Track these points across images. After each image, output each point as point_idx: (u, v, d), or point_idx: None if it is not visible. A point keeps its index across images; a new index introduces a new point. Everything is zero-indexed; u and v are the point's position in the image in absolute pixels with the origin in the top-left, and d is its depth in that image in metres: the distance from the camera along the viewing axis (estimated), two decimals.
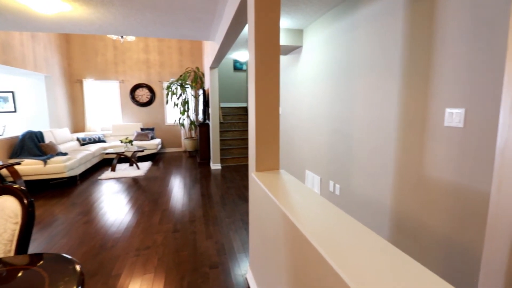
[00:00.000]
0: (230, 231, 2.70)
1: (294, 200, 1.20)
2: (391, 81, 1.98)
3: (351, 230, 0.91)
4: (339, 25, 2.58)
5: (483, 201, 1.40)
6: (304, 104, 3.43)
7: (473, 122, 1.44)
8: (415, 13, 1.77)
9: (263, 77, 1.61)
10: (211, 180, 4.57)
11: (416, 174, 1.79)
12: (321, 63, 2.96)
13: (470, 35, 1.44)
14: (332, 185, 2.80)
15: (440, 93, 1.61)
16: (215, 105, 5.32)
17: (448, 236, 1.59)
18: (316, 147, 3.13)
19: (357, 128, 2.39)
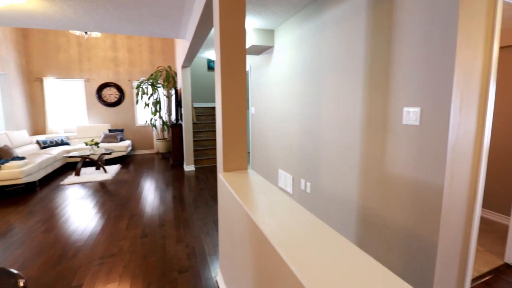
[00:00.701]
0: (202, 234, 2.64)
1: (258, 200, 1.19)
2: (356, 81, 2.05)
3: (312, 228, 0.91)
4: (308, 27, 2.63)
5: (438, 194, 1.49)
6: (276, 104, 3.46)
7: (428, 120, 1.53)
8: (376, 16, 1.84)
9: (229, 77, 1.58)
10: (184, 182, 4.45)
11: (379, 171, 1.87)
12: (292, 64, 3.00)
13: (424, 39, 1.53)
14: (304, 184, 2.85)
15: (399, 93, 1.69)
16: (188, 105, 5.19)
17: (408, 228, 1.68)
18: (288, 146, 3.17)
19: (325, 127, 2.44)
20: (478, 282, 1.90)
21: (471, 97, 1.48)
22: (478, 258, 2.19)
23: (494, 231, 2.66)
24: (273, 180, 3.66)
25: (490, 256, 2.23)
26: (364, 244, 2.04)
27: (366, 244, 2.02)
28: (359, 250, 0.77)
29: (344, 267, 0.69)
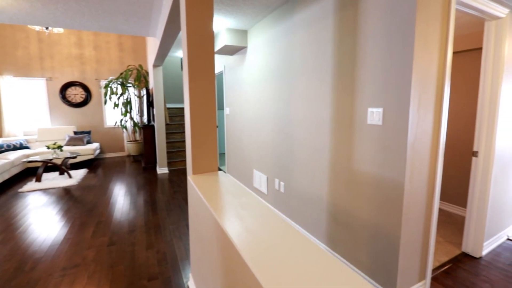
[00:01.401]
0: (174, 238, 2.56)
1: (226, 202, 1.17)
2: (326, 83, 2.10)
3: (279, 231, 0.91)
4: (280, 28, 2.66)
5: (400, 190, 1.57)
6: (250, 104, 3.46)
7: (389, 120, 1.60)
8: (342, 21, 1.90)
9: (197, 77, 1.55)
10: (157, 186, 4.30)
11: (347, 169, 1.93)
12: (265, 64, 3.01)
13: (385, 43, 1.60)
14: (278, 183, 2.87)
15: (364, 94, 1.76)
16: (160, 105, 5.03)
17: (373, 223, 1.75)
18: (263, 147, 3.18)
19: (298, 127, 2.48)
20: (439, 271, 2.03)
21: (427, 99, 1.58)
22: (439, 248, 2.34)
23: (454, 223, 2.86)
24: (248, 180, 3.65)
25: (450, 246, 2.39)
26: (335, 240, 2.10)
27: (336, 240, 2.08)
28: (324, 252, 0.78)
29: (308, 270, 0.69)
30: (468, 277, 1.97)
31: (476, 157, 2.16)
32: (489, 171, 2.12)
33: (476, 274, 2.01)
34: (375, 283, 1.76)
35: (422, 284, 1.78)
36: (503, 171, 2.29)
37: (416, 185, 1.61)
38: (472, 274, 2.01)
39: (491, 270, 2.06)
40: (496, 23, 2.05)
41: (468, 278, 1.96)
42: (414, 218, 1.65)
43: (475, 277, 1.97)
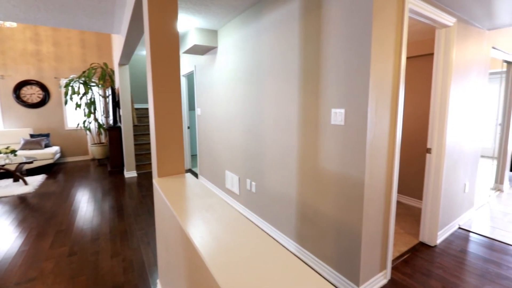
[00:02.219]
0: (142, 244, 2.46)
1: (191, 205, 1.15)
2: (293, 84, 2.15)
3: (242, 232, 0.92)
4: (249, 29, 2.67)
5: (361, 186, 1.65)
6: (221, 105, 3.43)
7: (351, 120, 1.68)
8: (307, 25, 1.97)
9: (161, 77, 1.50)
10: (124, 190, 4.10)
11: (313, 168, 2.00)
12: (235, 65, 3.01)
13: (345, 47, 1.68)
14: (249, 183, 2.88)
15: (327, 96, 1.83)
16: (127, 106, 4.81)
17: (338, 218, 1.83)
18: (234, 147, 3.17)
19: (267, 128, 2.52)
20: (399, 261, 2.18)
21: (384, 100, 1.68)
22: (399, 239, 2.51)
23: (412, 215, 3.08)
24: (221, 181, 3.63)
25: (409, 237, 2.57)
26: (303, 237, 2.16)
27: (305, 237, 2.14)
28: (287, 253, 0.79)
29: (270, 271, 0.71)
30: (424, 265, 2.13)
31: (430, 153, 2.35)
32: (441, 166, 2.31)
33: (432, 261, 2.18)
34: (340, 275, 1.84)
35: (383, 274, 1.90)
36: (453, 165, 2.51)
37: (375, 181, 1.71)
38: (428, 261, 2.18)
39: (444, 257, 2.25)
40: (445, 31, 2.25)
41: (424, 266, 2.12)
42: (374, 212, 1.75)
43: (430, 264, 2.14)
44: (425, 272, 2.03)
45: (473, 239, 2.53)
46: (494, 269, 2.07)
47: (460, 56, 2.37)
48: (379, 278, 1.87)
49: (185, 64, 4.77)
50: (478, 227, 2.78)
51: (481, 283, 1.92)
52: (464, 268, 2.09)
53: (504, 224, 2.84)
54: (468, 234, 2.63)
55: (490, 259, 2.20)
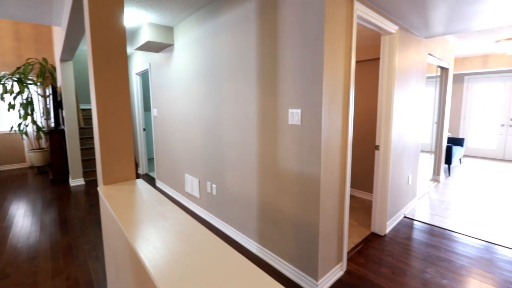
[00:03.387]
0: (90, 260, 2.23)
1: (139, 215, 1.06)
2: (251, 84, 2.14)
3: (196, 240, 0.86)
4: (207, 27, 2.59)
5: (317, 183, 1.71)
6: (179, 105, 3.29)
7: (306, 120, 1.73)
8: (263, 26, 1.97)
9: (105, 75, 1.37)
10: (69, 200, 3.69)
11: (272, 167, 2.01)
12: (193, 64, 2.90)
13: (300, 50, 1.72)
14: (210, 186, 2.81)
15: (284, 96, 1.86)
16: (71, 106, 4.34)
17: (297, 215, 1.87)
18: (193, 149, 3.06)
19: (227, 129, 2.47)
20: (353, 252, 2.31)
21: (337, 101, 1.76)
22: (354, 231, 2.67)
23: (365, 207, 3.31)
24: (180, 185, 3.47)
25: (362, 228, 2.75)
26: (264, 237, 2.16)
27: (266, 237, 2.15)
28: (243, 260, 0.76)
29: (225, 283, 0.67)
30: (376, 253, 2.29)
31: (378, 150, 2.54)
32: (388, 161, 2.51)
33: (382, 250, 2.35)
34: (300, 271, 1.88)
35: (340, 266, 1.99)
36: (398, 160, 2.75)
37: (330, 177, 1.78)
38: (379, 250, 2.35)
39: (393, 245, 2.44)
40: (389, 38, 2.44)
41: (376, 254, 2.28)
42: (330, 208, 1.82)
43: (381, 253, 2.31)
44: (376, 261, 2.19)
45: (417, 226, 2.80)
46: (435, 253, 2.31)
47: (402, 61, 2.60)
48: (336, 270, 1.95)
49: (138, 61, 4.48)
50: (420, 215, 3.09)
51: (424, 266, 2.12)
52: (410, 253, 2.30)
53: (441, 211, 3.21)
54: (412, 222, 2.90)
55: (431, 244, 2.46)
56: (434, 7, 2.11)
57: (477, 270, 2.07)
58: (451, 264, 2.15)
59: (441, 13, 2.26)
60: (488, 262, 2.16)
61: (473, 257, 2.24)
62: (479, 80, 6.36)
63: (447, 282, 1.93)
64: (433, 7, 2.13)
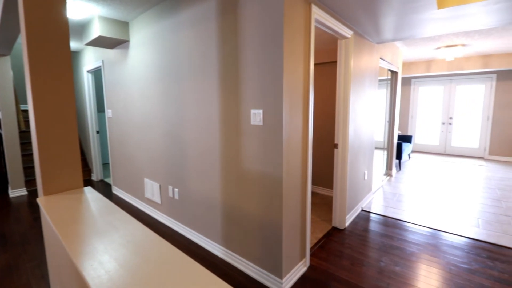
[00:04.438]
0: (33, 279, 1.98)
1: (86, 227, 0.96)
2: (213, 84, 2.09)
3: (149, 251, 0.80)
4: (166, 24, 2.47)
5: (279, 182, 1.73)
6: (137, 106, 3.09)
7: (268, 121, 1.74)
8: (224, 25, 1.94)
9: (44, 71, 1.22)
10: (8, 214, 3.26)
11: (236, 168, 1.99)
12: (151, 62, 2.75)
13: (261, 51, 1.72)
14: (171, 190, 2.69)
15: (246, 96, 1.85)
16: (9, 107, 3.84)
17: (261, 216, 1.87)
18: (153, 152, 2.90)
19: (188, 130, 2.39)
20: (316, 247, 2.39)
21: (297, 101, 1.80)
22: (316, 227, 2.77)
23: (327, 203, 3.46)
24: (139, 191, 3.27)
25: (324, 223, 2.86)
26: (229, 239, 2.13)
27: (231, 239, 2.12)
28: (199, 268, 0.73)
29: None
30: (337, 247, 2.40)
31: (337, 148, 2.66)
32: (346, 159, 2.65)
33: (342, 243, 2.47)
34: (265, 271, 1.89)
35: (303, 262, 2.04)
36: (355, 157, 2.92)
37: (292, 176, 1.82)
38: (339, 243, 2.46)
39: (352, 237, 2.58)
40: (345, 42, 2.58)
41: (337, 248, 2.39)
42: (292, 206, 1.86)
43: (341, 246, 2.42)
44: (337, 254, 2.29)
45: (373, 218, 3.00)
46: (388, 242, 2.50)
47: (357, 64, 2.76)
48: (300, 266, 2.00)
49: (90, 58, 4.13)
50: (376, 207, 3.32)
51: (379, 255, 2.28)
52: (367, 245, 2.45)
53: (394, 203, 3.48)
54: (369, 215, 3.11)
55: (385, 234, 2.65)
56: (384, 15, 2.28)
57: (425, 255, 2.28)
58: (403, 251, 2.34)
59: (390, 20, 2.45)
60: (434, 248, 2.40)
61: (421, 243, 2.47)
62: (423, 83, 7.06)
63: (399, 268, 2.09)
64: (383, 15, 2.29)
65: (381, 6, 2.08)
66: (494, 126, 6.16)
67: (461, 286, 1.88)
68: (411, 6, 2.08)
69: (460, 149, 6.68)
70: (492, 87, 6.12)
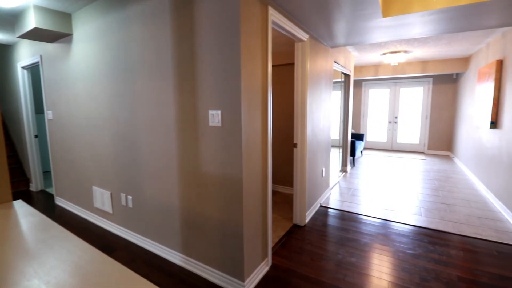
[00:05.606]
0: None
1: (11, 249, 0.82)
2: (168, 84, 1.98)
3: (89, 271, 0.71)
4: (116, 17, 2.27)
5: (239, 184, 1.70)
6: (82, 107, 2.80)
7: (227, 122, 1.70)
8: (180, 21, 1.85)
9: None
10: None
11: (195, 172, 1.92)
12: (99, 59, 2.51)
13: (217, 50, 1.68)
14: (124, 198, 2.49)
15: (204, 97, 1.79)
16: None
17: (221, 219, 1.83)
18: (102, 158, 2.66)
19: (143, 132, 2.23)
20: (278, 246, 2.42)
21: (255, 102, 1.80)
22: (278, 226, 2.81)
23: (288, 202, 3.54)
24: (87, 201, 2.97)
25: (286, 222, 2.92)
26: (190, 246, 2.05)
27: (191, 246, 2.04)
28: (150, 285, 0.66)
29: None
30: (297, 244, 2.47)
31: (296, 147, 2.74)
32: (305, 157, 2.74)
33: (302, 239, 2.55)
34: (227, 275, 1.85)
35: (265, 262, 2.05)
36: (313, 156, 3.04)
37: (252, 177, 1.81)
38: (300, 240, 2.53)
39: (311, 233, 2.68)
40: (301, 45, 2.66)
41: (298, 245, 2.45)
42: (253, 207, 1.85)
43: (302, 242, 2.49)
44: (298, 251, 2.35)
45: (331, 213, 3.16)
46: (345, 235, 2.64)
47: (313, 66, 2.87)
48: (262, 267, 2.00)
49: (25, 52, 3.64)
50: (333, 202, 3.50)
51: (336, 248, 2.39)
52: (325, 239, 2.56)
53: (349, 197, 3.71)
54: (327, 210, 3.26)
55: (341, 227, 2.80)
56: (337, 20, 2.40)
57: (376, 245, 2.46)
58: (357, 243, 2.49)
59: (342, 26, 2.59)
60: (384, 237, 2.60)
61: (373, 234, 2.66)
62: (373, 85, 7.68)
63: (355, 259, 2.22)
64: (336, 21, 2.41)
65: (333, 12, 2.18)
66: (431, 124, 6.96)
67: (407, 271, 2.07)
68: (360, 14, 2.22)
69: (404, 145, 7.41)
70: (429, 90, 6.91)
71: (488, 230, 2.70)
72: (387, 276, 2.00)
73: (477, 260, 2.20)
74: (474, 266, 2.12)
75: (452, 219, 2.98)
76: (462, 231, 2.69)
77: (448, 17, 2.31)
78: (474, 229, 2.73)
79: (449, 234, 2.64)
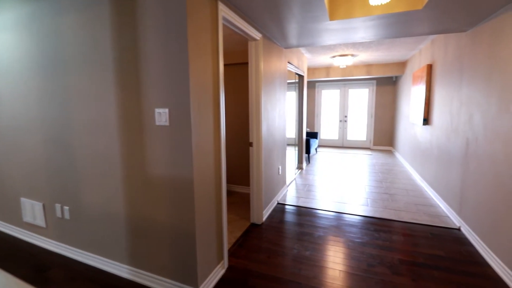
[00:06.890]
0: None
1: None
2: (107, 80, 1.79)
3: None
4: (42, 4, 1.98)
5: (190, 186, 1.62)
6: (4, 107, 2.40)
7: (175, 121, 1.60)
8: (120, 9, 1.68)
9: None
10: None
11: (141, 174, 1.77)
12: (24, 52, 2.16)
13: (163, 46, 1.57)
14: (60, 209, 2.20)
15: (150, 94, 1.66)
16: None
17: (172, 224, 1.72)
18: (31, 164, 2.31)
19: (78, 133, 1.99)
20: (235, 246, 2.38)
21: (206, 101, 1.73)
22: (235, 226, 2.77)
23: (246, 201, 3.52)
24: (13, 215, 2.56)
25: (243, 221, 2.90)
26: (137, 256, 1.89)
27: (139, 256, 1.88)
28: None
29: None
30: (255, 242, 2.46)
31: (252, 146, 2.73)
32: (261, 156, 2.75)
33: (260, 238, 2.55)
34: (179, 283, 1.75)
35: (221, 265, 2.00)
36: (269, 154, 3.07)
37: (204, 178, 1.74)
38: (257, 239, 2.53)
39: (269, 231, 2.70)
40: (254, 44, 2.65)
41: (255, 243, 2.44)
42: (206, 208, 1.78)
43: (259, 241, 2.49)
44: (255, 249, 2.34)
45: (287, 210, 3.23)
46: (300, 230, 2.71)
47: (267, 66, 2.89)
48: (218, 270, 1.94)
49: None
50: (290, 199, 3.59)
51: (292, 243, 2.44)
52: (282, 235, 2.60)
53: (305, 193, 3.84)
54: (284, 207, 3.32)
55: (297, 222, 2.88)
56: (287, 21, 2.45)
57: (330, 237, 2.57)
58: (312, 236, 2.58)
59: (293, 27, 2.65)
60: (336, 228, 2.74)
61: (327, 227, 2.78)
62: (325, 86, 8.13)
63: (309, 253, 2.29)
64: (287, 21, 2.46)
65: (283, 12, 2.22)
66: (376, 122, 7.62)
67: (356, 259, 2.20)
68: (309, 15, 2.30)
69: (353, 142, 7.99)
70: (373, 91, 7.56)
71: (423, 215, 3.03)
72: (338, 266, 2.10)
73: (415, 243, 2.45)
74: (412, 248, 2.36)
75: (393, 207, 3.28)
76: (402, 218, 2.97)
77: (386, 23, 2.53)
78: (412, 215, 3.04)
79: (391, 221, 2.90)
